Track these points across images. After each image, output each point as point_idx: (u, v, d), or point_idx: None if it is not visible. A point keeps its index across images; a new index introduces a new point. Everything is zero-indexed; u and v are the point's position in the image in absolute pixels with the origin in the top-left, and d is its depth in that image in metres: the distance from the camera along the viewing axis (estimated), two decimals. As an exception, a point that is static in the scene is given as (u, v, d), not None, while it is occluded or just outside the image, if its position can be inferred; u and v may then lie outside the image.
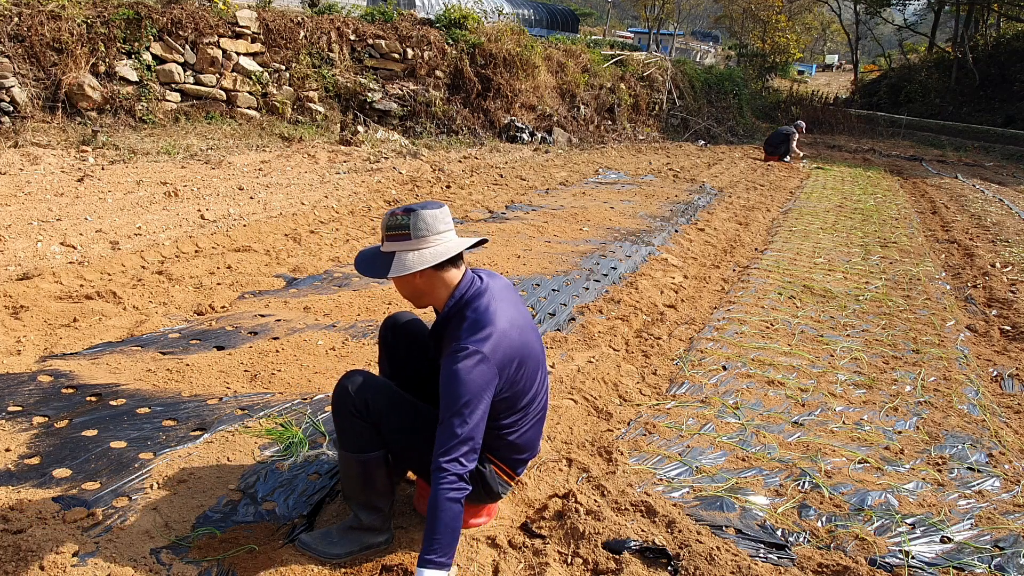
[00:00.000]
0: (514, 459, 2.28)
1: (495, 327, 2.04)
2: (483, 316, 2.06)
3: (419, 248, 2.04)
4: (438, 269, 2.09)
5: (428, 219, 2.04)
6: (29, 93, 8.14)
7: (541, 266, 5.62)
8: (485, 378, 1.97)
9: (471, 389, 1.94)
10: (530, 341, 2.20)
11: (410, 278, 2.10)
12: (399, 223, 2.05)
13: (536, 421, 2.29)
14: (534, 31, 20.91)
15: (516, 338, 2.10)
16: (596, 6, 51.24)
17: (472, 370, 1.95)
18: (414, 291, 2.15)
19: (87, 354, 3.49)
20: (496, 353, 2.02)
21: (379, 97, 11.89)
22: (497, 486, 2.28)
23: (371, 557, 2.23)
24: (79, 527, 2.22)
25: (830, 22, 41.35)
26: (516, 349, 2.09)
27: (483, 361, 1.97)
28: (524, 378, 2.15)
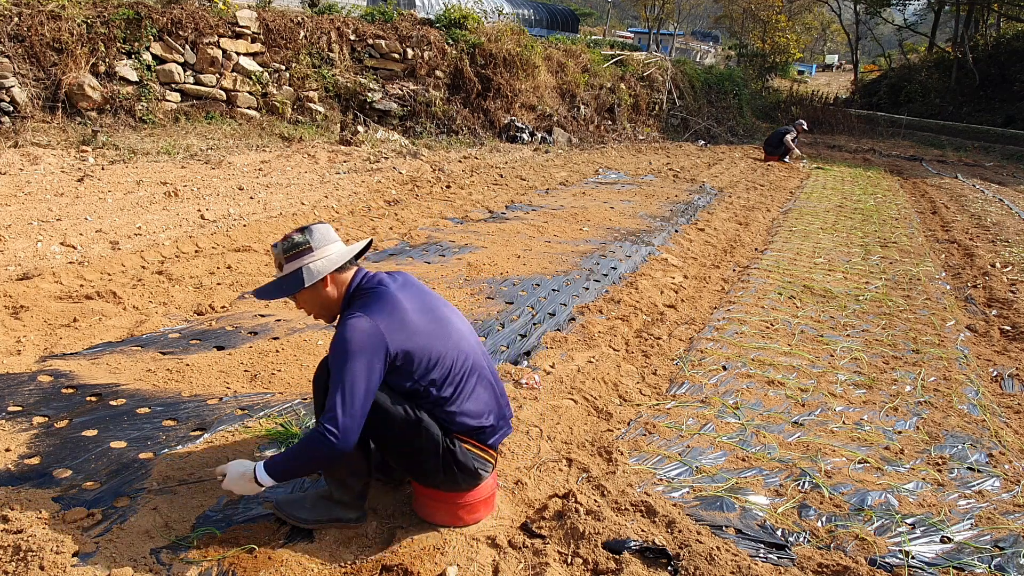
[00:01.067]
0: (474, 427, 2.27)
1: (383, 300, 2.16)
2: (371, 295, 2.19)
3: (324, 256, 2.20)
4: (340, 272, 2.24)
5: (323, 231, 2.23)
6: (29, 93, 8.14)
7: (541, 266, 5.62)
8: (370, 340, 2.06)
9: (351, 346, 2.04)
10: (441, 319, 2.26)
11: (320, 287, 2.21)
12: (299, 241, 2.20)
13: (474, 386, 2.27)
14: (534, 31, 20.91)
15: (414, 310, 2.19)
16: (596, 6, 51.22)
17: (354, 330, 2.06)
18: (325, 301, 2.25)
19: (87, 354, 3.49)
20: (383, 319, 2.10)
21: (379, 97, 11.89)
22: (472, 462, 2.26)
23: (369, 556, 2.23)
24: (79, 527, 2.22)
25: (830, 22, 41.34)
26: (416, 320, 2.17)
27: (365, 322, 2.07)
28: (440, 354, 2.19)
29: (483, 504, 2.42)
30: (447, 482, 2.27)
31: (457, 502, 2.35)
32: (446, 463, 2.22)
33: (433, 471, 2.24)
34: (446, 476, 2.26)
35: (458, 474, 2.26)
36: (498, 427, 2.36)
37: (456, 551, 2.26)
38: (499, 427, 2.37)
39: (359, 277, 2.27)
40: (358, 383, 2.03)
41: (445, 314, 2.30)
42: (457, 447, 2.24)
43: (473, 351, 2.31)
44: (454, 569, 2.18)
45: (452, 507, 2.36)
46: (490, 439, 2.33)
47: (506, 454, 2.88)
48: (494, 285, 5.06)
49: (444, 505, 2.35)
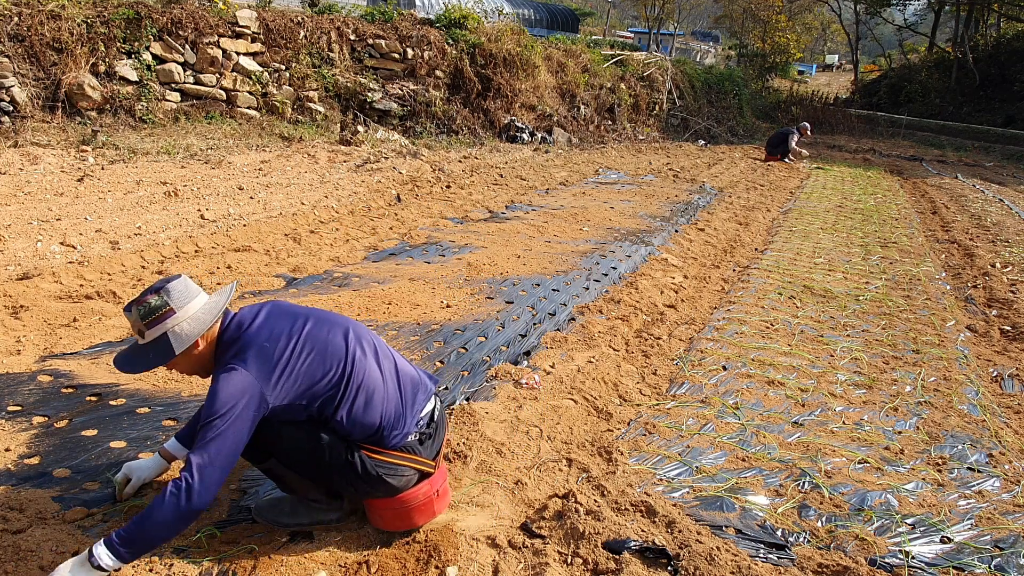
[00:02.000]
0: (375, 437, 2.18)
1: (251, 344, 2.03)
2: (239, 342, 2.05)
3: (189, 317, 2.01)
4: (212, 328, 2.08)
5: (181, 287, 2.02)
6: (29, 93, 8.14)
7: (541, 266, 5.62)
8: (244, 393, 1.94)
9: (225, 406, 1.91)
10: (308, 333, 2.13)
11: (191, 349, 2.04)
12: (157, 304, 1.98)
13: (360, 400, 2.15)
14: (534, 31, 20.90)
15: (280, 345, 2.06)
16: (596, 6, 51.20)
17: (228, 385, 1.93)
18: (199, 361, 2.10)
19: (87, 354, 3.49)
20: (255, 365, 1.99)
21: (379, 97, 11.88)
22: (375, 469, 2.17)
23: (369, 556, 2.22)
24: (79, 527, 2.22)
25: (830, 22, 41.32)
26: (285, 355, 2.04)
27: (238, 375, 1.95)
28: (313, 364, 2.08)
29: (427, 505, 2.32)
30: (362, 492, 2.23)
31: (393, 506, 2.27)
32: (351, 476, 2.16)
33: (344, 484, 2.20)
34: (357, 488, 2.21)
35: (366, 486, 2.19)
36: (397, 426, 2.22)
37: (456, 551, 2.26)
38: (398, 426, 2.23)
39: (227, 322, 2.12)
40: (232, 439, 1.92)
41: (315, 333, 2.15)
42: (357, 458, 2.16)
43: (353, 359, 2.17)
44: (454, 569, 2.18)
45: (391, 512, 2.29)
46: (391, 442, 2.21)
47: (506, 454, 2.88)
48: (494, 285, 5.06)
49: (386, 511, 2.30)
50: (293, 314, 2.20)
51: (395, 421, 2.23)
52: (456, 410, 3.13)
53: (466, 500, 2.56)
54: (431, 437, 2.34)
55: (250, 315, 2.16)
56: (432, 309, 4.49)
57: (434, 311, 4.46)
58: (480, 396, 3.38)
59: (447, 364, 3.77)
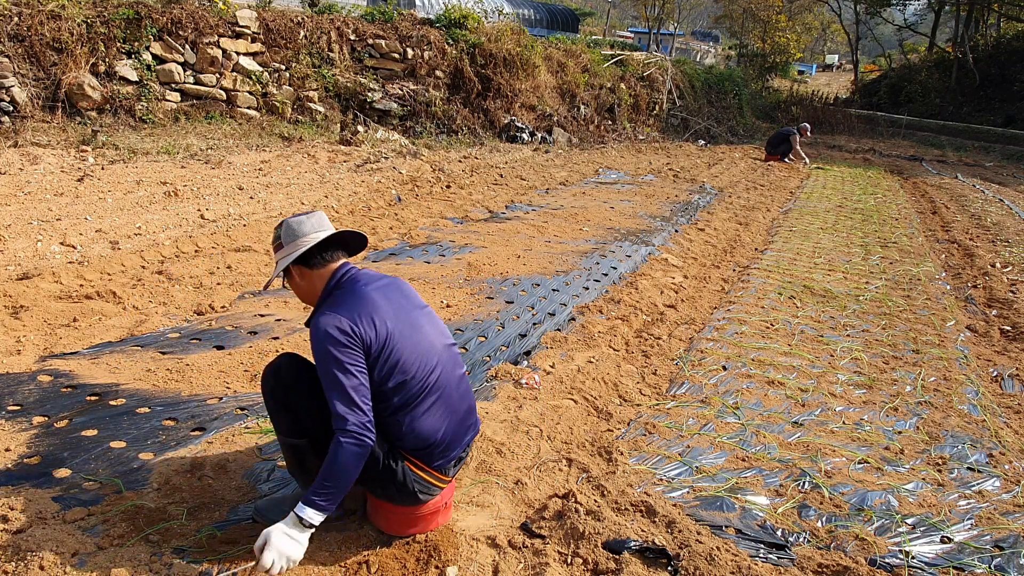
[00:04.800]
0: (421, 447, 2.19)
1: (356, 296, 2.14)
2: (347, 292, 2.17)
3: (290, 253, 2.20)
4: (313, 268, 2.22)
5: (293, 226, 2.21)
6: (29, 93, 8.14)
7: (541, 266, 5.62)
8: (343, 333, 2.03)
9: (331, 345, 2.02)
10: (415, 320, 2.23)
11: (295, 281, 2.25)
12: (274, 236, 2.25)
13: (435, 403, 2.19)
14: (534, 31, 20.89)
15: (386, 309, 2.15)
16: (596, 6, 51.19)
17: (325, 330, 2.03)
18: (299, 290, 2.29)
19: (87, 354, 3.49)
20: (354, 314, 2.07)
21: (379, 97, 11.88)
22: (412, 483, 2.18)
23: (369, 556, 2.22)
24: (79, 527, 2.22)
25: (830, 22, 41.30)
26: (387, 319, 2.13)
27: (338, 319, 2.05)
28: (400, 353, 2.12)
29: (431, 516, 2.33)
30: (386, 496, 2.24)
31: (405, 513, 2.29)
32: (385, 479, 2.17)
33: (372, 481, 2.19)
34: (384, 491, 2.22)
35: (395, 492, 2.20)
36: (449, 451, 2.26)
37: (456, 551, 2.26)
38: (450, 452, 2.26)
39: (339, 274, 2.23)
40: (350, 379, 2.01)
41: (419, 323, 2.24)
42: (399, 467, 2.17)
43: (441, 368, 2.22)
44: (454, 569, 2.18)
45: (400, 517, 2.30)
46: (436, 462, 2.23)
47: (506, 454, 2.88)
48: (494, 285, 5.06)
49: (394, 515, 2.30)
50: (410, 297, 2.31)
51: (447, 443, 2.26)
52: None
53: (466, 500, 2.56)
54: (463, 460, 2.39)
55: (370, 278, 2.24)
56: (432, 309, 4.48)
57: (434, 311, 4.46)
58: (480, 396, 3.37)
59: (447, 364, 3.76)
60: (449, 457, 2.27)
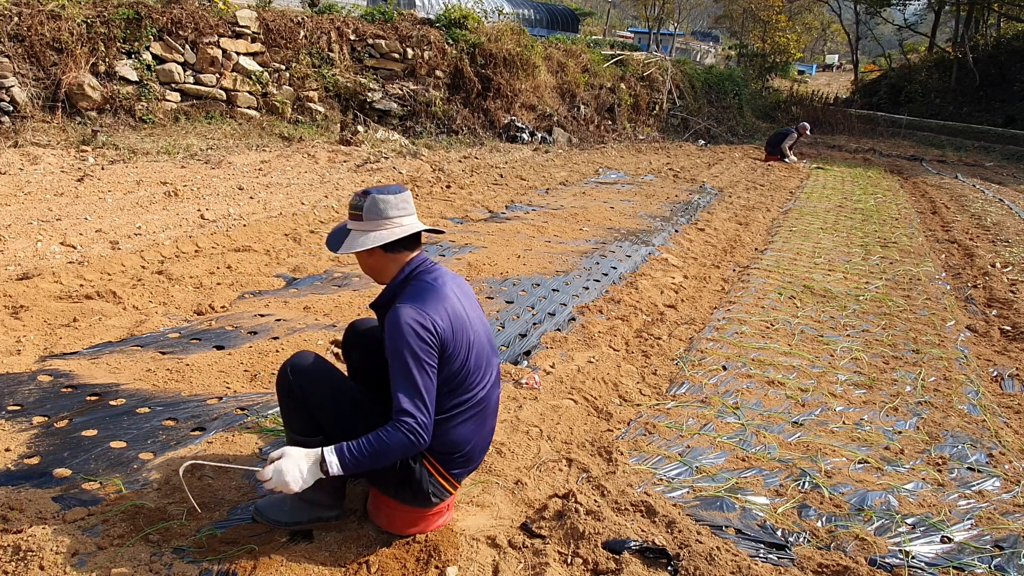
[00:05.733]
0: (448, 457, 2.20)
1: (439, 294, 2.10)
2: (428, 286, 2.13)
3: (369, 230, 2.14)
4: (388, 251, 2.17)
5: (380, 203, 2.13)
6: (29, 93, 8.14)
7: (541, 266, 5.62)
8: (425, 331, 2.01)
9: (412, 339, 1.99)
10: (478, 331, 2.21)
11: (363, 255, 2.21)
12: (355, 204, 2.17)
13: (475, 416, 2.20)
14: (534, 31, 20.89)
15: (462, 315, 2.14)
16: (596, 6, 51.19)
17: (409, 323, 2.00)
18: (370, 268, 2.26)
19: (87, 354, 3.49)
20: (437, 313, 2.05)
21: (379, 97, 11.88)
22: (428, 485, 2.18)
23: (368, 556, 2.23)
24: (79, 527, 2.22)
25: (830, 22, 41.31)
26: (461, 325, 2.11)
27: (422, 315, 2.02)
28: (465, 362, 2.12)
29: (433, 518, 2.32)
30: (397, 495, 2.23)
31: (410, 513, 2.28)
32: (401, 478, 2.16)
33: (388, 478, 2.19)
34: (397, 490, 2.21)
35: (409, 493, 2.20)
36: (470, 463, 2.28)
37: (456, 551, 2.26)
38: (471, 463, 2.29)
39: (417, 262, 2.20)
40: (426, 376, 2.00)
41: (481, 331, 2.23)
42: (418, 467, 2.17)
43: (490, 383, 2.25)
44: (454, 569, 2.18)
45: (404, 517, 2.30)
46: (455, 469, 2.24)
47: (506, 454, 2.88)
48: (494, 285, 5.06)
49: (398, 515, 2.30)
50: (476, 304, 2.30)
51: (472, 455, 2.27)
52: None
53: (466, 500, 2.56)
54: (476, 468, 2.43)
55: (448, 273, 2.22)
56: (432, 309, 4.49)
57: (434, 311, 4.46)
58: (480, 396, 3.37)
59: (447, 364, 3.76)
60: (468, 468, 2.30)
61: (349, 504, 2.45)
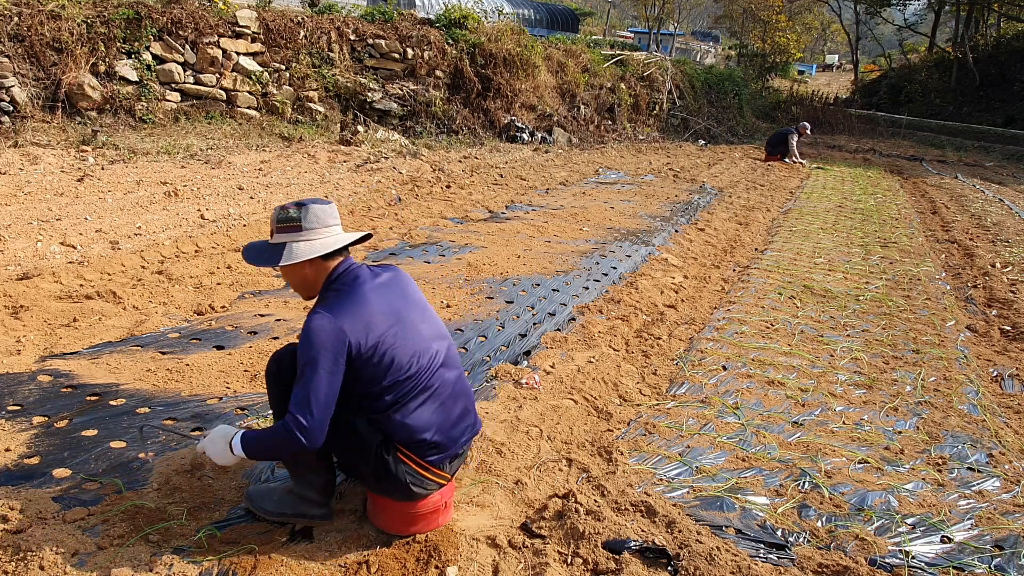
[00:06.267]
0: (415, 440, 2.19)
1: (353, 298, 2.13)
2: (345, 292, 2.16)
3: (309, 239, 2.17)
4: (326, 259, 2.20)
5: (318, 212, 2.18)
6: (29, 93, 8.14)
7: (541, 266, 5.62)
8: (331, 338, 2.04)
9: (315, 345, 2.03)
10: (410, 320, 2.22)
11: (300, 267, 2.20)
12: (291, 215, 2.17)
13: (427, 400, 2.20)
14: (534, 31, 20.89)
15: (382, 312, 2.15)
16: (596, 6, 51.19)
17: (319, 330, 2.04)
18: (303, 280, 2.24)
19: (87, 354, 3.49)
20: (346, 319, 2.07)
21: (379, 97, 11.88)
22: (404, 475, 2.19)
23: (368, 556, 2.22)
24: (79, 527, 2.22)
25: (830, 22, 41.31)
26: (380, 323, 2.13)
27: (329, 321, 2.05)
28: (390, 355, 2.13)
29: (430, 516, 2.32)
30: (380, 489, 2.25)
31: (402, 510, 2.28)
32: (378, 472, 2.19)
33: (366, 476, 2.23)
34: (378, 483, 2.23)
35: (388, 485, 2.21)
36: (443, 449, 2.26)
37: (456, 551, 2.26)
38: (445, 449, 2.26)
39: (342, 267, 2.23)
40: (322, 383, 2.03)
41: (415, 322, 2.24)
42: (391, 458, 2.18)
43: (434, 367, 2.23)
44: (454, 569, 2.18)
45: (398, 515, 2.30)
46: (429, 456, 2.23)
47: (506, 454, 2.88)
48: (494, 285, 5.06)
49: (392, 513, 2.31)
50: (407, 297, 2.29)
51: (441, 440, 2.25)
52: (456, 410, 3.13)
53: (466, 500, 2.56)
54: (461, 457, 2.38)
55: (369, 274, 2.24)
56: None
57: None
58: (480, 396, 3.38)
59: (447, 364, 3.76)
60: (444, 454, 2.27)
61: (348, 504, 2.45)
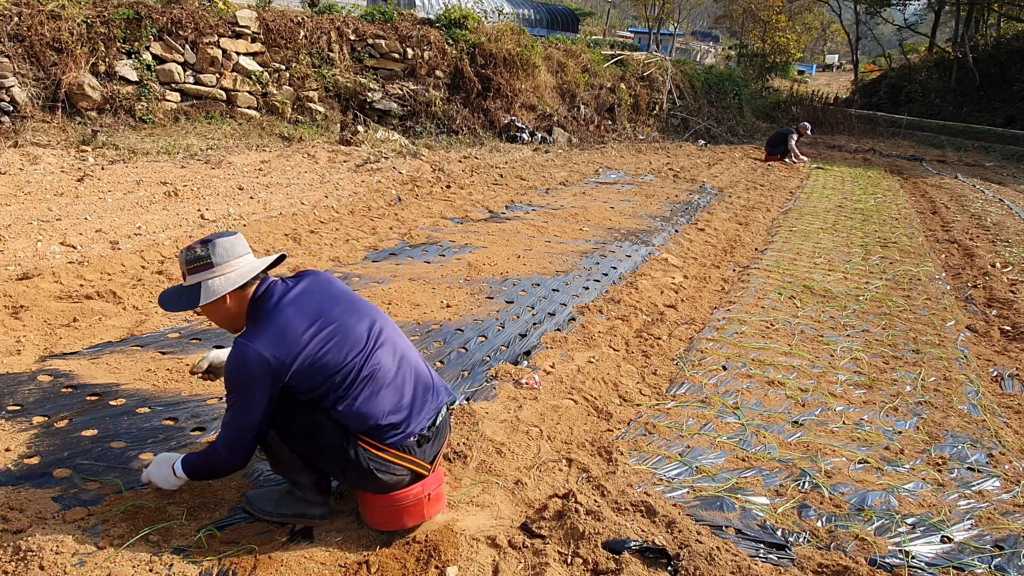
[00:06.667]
0: (371, 427, 2.19)
1: (270, 319, 2.14)
2: (262, 319, 2.16)
3: (224, 273, 2.15)
4: (243, 289, 2.20)
5: (226, 246, 2.17)
6: (29, 93, 8.14)
7: (541, 266, 5.62)
8: (257, 369, 2.06)
9: (242, 376, 2.07)
10: (334, 316, 2.21)
11: (220, 303, 2.18)
12: (199, 255, 2.15)
13: (367, 385, 2.19)
14: (534, 31, 20.89)
15: (304, 322, 2.15)
16: (596, 6, 51.19)
17: (243, 361, 2.06)
18: (227, 316, 2.22)
19: (87, 354, 3.49)
20: (268, 345, 2.08)
21: (379, 97, 11.88)
22: (368, 462, 2.18)
23: (368, 556, 2.22)
24: (79, 527, 2.22)
25: (830, 22, 41.30)
26: (305, 333, 2.13)
27: (253, 352, 2.06)
28: (318, 355, 2.13)
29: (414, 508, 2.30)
30: (353, 482, 2.27)
31: (383, 502, 2.28)
32: (342, 464, 2.20)
33: (335, 467, 2.23)
34: (346, 476, 2.25)
35: (357, 476, 2.22)
36: (401, 428, 2.24)
37: (456, 551, 2.26)
38: (402, 428, 2.24)
39: (260, 291, 2.22)
40: (249, 411, 2.09)
41: (341, 317, 2.22)
42: (352, 448, 2.18)
43: (370, 356, 2.21)
44: (454, 569, 2.18)
45: (381, 508, 2.30)
46: (389, 439, 2.22)
47: (506, 454, 2.88)
48: (494, 285, 5.06)
49: (374, 506, 2.31)
50: (328, 295, 2.28)
51: (398, 421, 2.24)
52: (456, 410, 3.14)
53: (466, 500, 2.56)
54: (430, 440, 2.34)
55: (284, 289, 2.23)
56: (432, 309, 4.49)
57: (434, 311, 4.46)
58: (480, 396, 3.38)
59: (447, 364, 3.77)
60: (403, 434, 2.24)
61: (348, 504, 2.45)
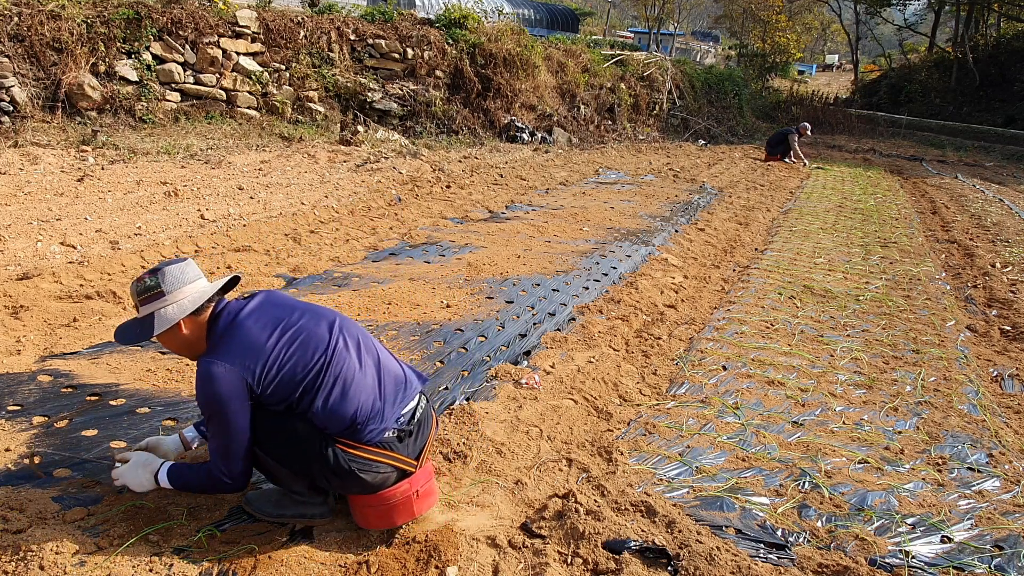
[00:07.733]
0: (346, 427, 2.19)
1: (235, 336, 2.14)
2: (224, 336, 2.15)
3: (176, 300, 2.13)
4: (198, 314, 2.18)
5: (176, 273, 2.15)
6: (29, 93, 8.14)
7: (541, 266, 5.62)
8: (229, 385, 2.06)
9: (216, 396, 2.06)
10: (298, 325, 2.21)
11: (176, 331, 2.16)
12: (149, 285, 2.13)
13: (335, 386, 2.18)
14: (534, 31, 20.89)
15: (264, 334, 2.15)
16: (596, 6, 51.18)
17: (213, 380, 2.05)
18: (184, 342, 2.19)
19: (87, 354, 3.49)
20: (235, 359, 2.08)
21: (379, 97, 11.88)
22: (348, 463, 2.18)
23: (369, 557, 2.22)
24: (79, 527, 2.22)
25: (830, 22, 41.31)
26: (268, 344, 2.13)
27: (223, 368, 2.06)
28: (289, 369, 2.14)
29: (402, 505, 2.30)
30: (336, 486, 2.26)
31: (371, 502, 2.28)
32: (324, 468, 2.19)
33: (318, 472, 2.22)
34: (330, 481, 2.23)
35: (338, 479, 2.21)
36: (375, 424, 2.23)
37: (456, 551, 2.26)
38: (376, 424, 2.23)
39: (216, 311, 2.22)
40: (235, 431, 2.10)
41: (300, 322, 2.22)
42: (329, 451, 2.18)
43: (332, 359, 2.20)
44: (454, 569, 2.18)
45: (370, 508, 2.29)
46: (366, 436, 2.21)
47: (506, 454, 2.88)
48: (494, 285, 5.06)
49: (363, 507, 2.30)
50: (284, 306, 2.28)
51: (371, 416, 2.23)
52: (456, 410, 3.13)
53: (466, 500, 2.56)
54: (411, 435, 2.32)
55: (240, 306, 2.23)
56: (432, 309, 4.49)
57: (434, 311, 4.46)
58: (480, 396, 3.38)
59: (447, 364, 3.77)
60: (380, 428, 2.24)
61: (347, 504, 2.44)
